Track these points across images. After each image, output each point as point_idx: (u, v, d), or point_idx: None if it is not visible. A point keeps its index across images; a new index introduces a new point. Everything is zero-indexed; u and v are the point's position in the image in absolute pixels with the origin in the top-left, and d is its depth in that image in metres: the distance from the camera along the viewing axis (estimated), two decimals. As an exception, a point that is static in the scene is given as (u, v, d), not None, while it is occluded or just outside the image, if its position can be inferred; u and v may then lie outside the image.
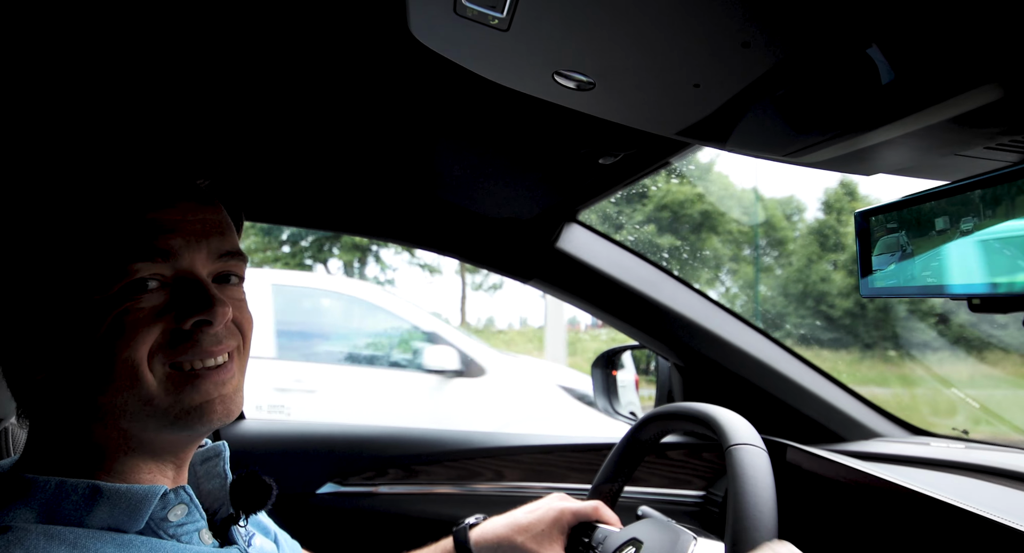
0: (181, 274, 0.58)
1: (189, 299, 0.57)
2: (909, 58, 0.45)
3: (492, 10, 0.48)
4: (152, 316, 0.56)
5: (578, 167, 0.97)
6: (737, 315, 1.36)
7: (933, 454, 1.10)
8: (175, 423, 0.57)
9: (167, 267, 0.57)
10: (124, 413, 0.56)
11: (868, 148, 0.56)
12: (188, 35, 0.67)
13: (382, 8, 0.60)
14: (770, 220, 11.63)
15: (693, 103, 0.56)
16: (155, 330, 0.56)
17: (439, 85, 0.76)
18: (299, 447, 1.41)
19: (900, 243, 0.61)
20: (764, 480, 0.69)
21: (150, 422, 0.57)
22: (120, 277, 0.55)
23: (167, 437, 0.59)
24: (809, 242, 11.70)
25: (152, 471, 0.60)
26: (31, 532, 0.50)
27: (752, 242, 11.58)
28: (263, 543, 0.71)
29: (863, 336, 10.34)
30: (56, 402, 0.57)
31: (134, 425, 0.57)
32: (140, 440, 0.59)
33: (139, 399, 0.56)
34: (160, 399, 0.56)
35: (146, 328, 0.55)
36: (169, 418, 0.57)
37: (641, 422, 0.98)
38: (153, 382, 0.56)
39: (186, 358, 0.57)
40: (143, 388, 0.55)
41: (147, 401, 0.56)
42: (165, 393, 0.56)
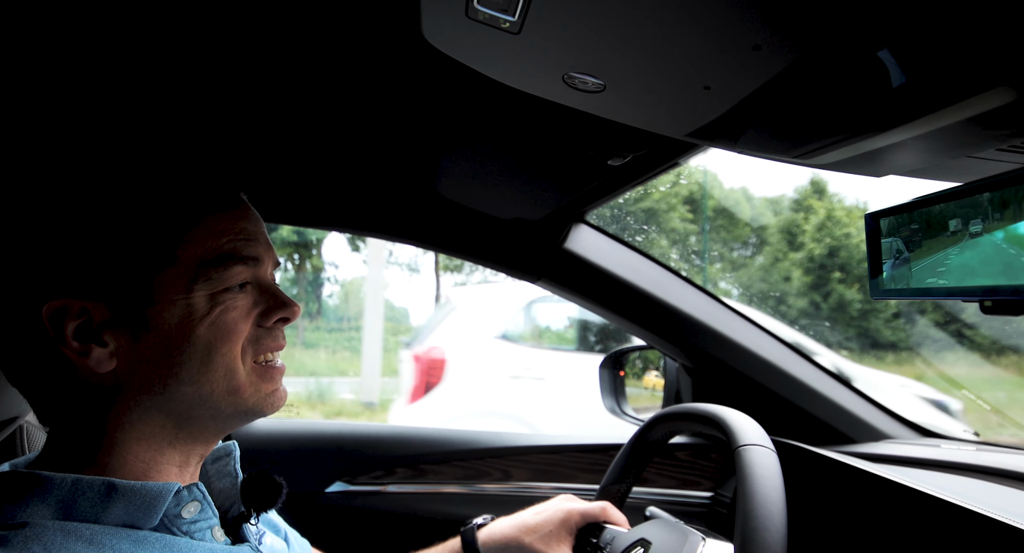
0: (259, 278, 0.65)
1: (272, 300, 0.64)
2: (921, 61, 0.45)
3: (504, 13, 0.49)
4: (244, 314, 0.62)
5: (587, 168, 0.97)
6: (745, 316, 1.36)
7: (944, 456, 1.09)
8: (248, 412, 0.63)
9: (251, 272, 0.63)
10: (206, 402, 0.60)
11: (879, 150, 0.56)
12: (200, 36, 0.68)
13: (395, 12, 0.61)
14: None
15: (703, 105, 0.56)
16: (246, 327, 0.62)
17: (449, 87, 0.76)
18: (308, 446, 1.42)
19: (910, 245, 0.60)
20: (773, 481, 0.69)
21: (225, 410, 0.61)
22: (223, 280, 0.60)
23: (220, 426, 0.63)
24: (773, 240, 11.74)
25: (165, 470, 0.61)
26: (48, 528, 0.51)
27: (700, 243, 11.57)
28: (273, 541, 0.72)
29: (827, 337, 10.44)
30: (113, 397, 0.58)
31: (204, 412, 0.60)
32: (181, 433, 0.61)
33: (228, 389, 0.60)
34: (245, 388, 0.61)
35: (241, 325, 0.61)
36: (246, 406, 0.62)
37: (649, 422, 0.98)
38: (243, 373, 0.61)
39: (268, 352, 0.64)
40: (235, 378, 0.61)
41: (235, 390, 0.61)
42: (249, 384, 0.62)
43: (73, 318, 0.56)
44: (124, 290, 0.57)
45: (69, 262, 0.57)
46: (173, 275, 0.58)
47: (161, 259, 0.58)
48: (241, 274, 0.61)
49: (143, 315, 0.57)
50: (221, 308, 0.60)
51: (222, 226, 0.61)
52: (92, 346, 0.56)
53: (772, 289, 11.46)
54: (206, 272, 0.59)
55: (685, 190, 11.27)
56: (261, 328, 0.63)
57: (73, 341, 0.56)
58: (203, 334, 0.59)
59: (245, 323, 0.62)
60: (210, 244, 0.60)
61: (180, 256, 0.59)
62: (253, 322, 0.63)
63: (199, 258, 0.59)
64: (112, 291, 0.57)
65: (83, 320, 0.56)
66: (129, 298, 0.57)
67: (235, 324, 0.60)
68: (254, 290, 0.64)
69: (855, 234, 12.29)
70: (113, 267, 0.57)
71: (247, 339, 0.62)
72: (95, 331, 0.57)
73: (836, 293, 11.35)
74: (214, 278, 0.59)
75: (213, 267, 0.59)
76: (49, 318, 0.55)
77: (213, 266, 0.59)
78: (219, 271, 0.60)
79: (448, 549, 0.93)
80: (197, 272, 0.59)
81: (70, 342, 0.56)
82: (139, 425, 0.59)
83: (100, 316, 0.57)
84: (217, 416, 0.61)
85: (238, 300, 0.61)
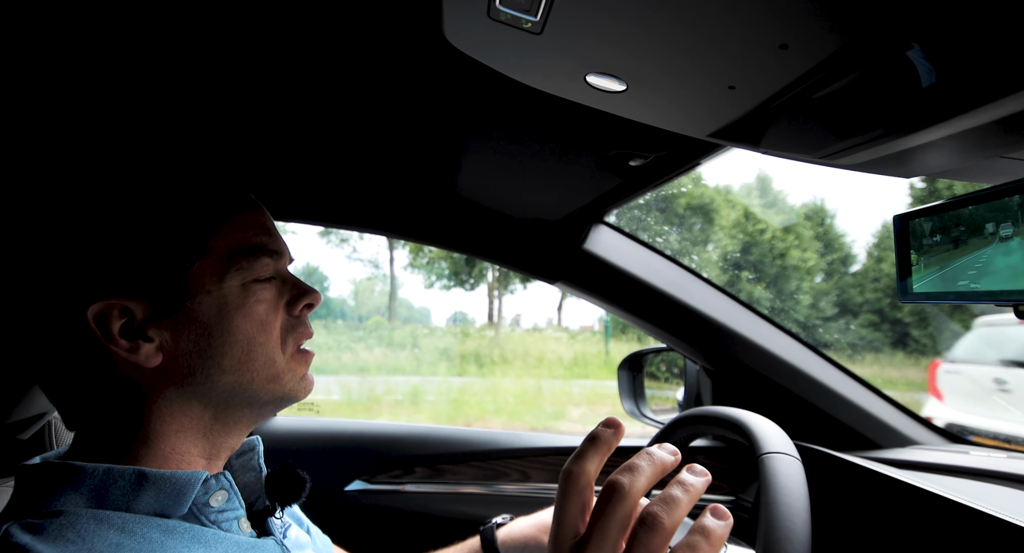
0: (280, 271, 0.68)
1: (296, 289, 0.68)
2: (955, 58, 0.44)
3: (526, 13, 0.49)
4: (274, 305, 0.65)
5: (607, 169, 0.97)
6: (768, 318, 1.34)
7: (973, 463, 1.06)
8: (284, 398, 0.65)
9: (274, 266, 0.66)
10: (246, 390, 0.62)
11: (909, 150, 0.55)
12: (226, 39, 0.69)
13: (416, 13, 0.61)
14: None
15: (727, 105, 0.56)
16: (278, 317, 0.65)
17: (469, 87, 0.76)
18: (328, 445, 1.43)
19: (941, 247, 0.59)
20: (797, 491, 0.68)
21: (263, 397, 0.63)
22: (253, 270, 0.63)
23: (256, 413, 0.65)
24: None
25: (195, 462, 0.62)
26: (82, 517, 0.53)
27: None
28: (298, 534, 0.72)
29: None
30: (157, 390, 0.60)
31: (242, 400, 0.63)
32: (216, 423, 0.63)
33: (268, 376, 0.63)
34: (284, 375, 0.64)
35: (272, 315, 0.64)
36: (283, 392, 0.65)
37: (672, 423, 0.97)
38: (282, 361, 0.64)
39: (302, 340, 0.67)
40: (274, 367, 0.63)
41: (274, 378, 0.64)
42: (288, 370, 0.65)
43: (117, 318, 0.57)
44: (162, 285, 0.59)
45: (108, 263, 0.58)
46: (207, 265, 0.60)
47: (195, 251, 0.60)
48: (268, 266, 0.64)
49: (182, 309, 0.59)
50: (254, 299, 0.62)
51: (248, 221, 0.65)
52: (140, 343, 0.58)
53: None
54: (237, 261, 0.62)
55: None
56: (292, 318, 0.67)
57: (121, 340, 0.57)
58: (240, 325, 0.61)
59: (275, 313, 0.65)
60: (239, 236, 0.63)
61: (212, 247, 0.61)
62: (283, 312, 0.66)
63: (230, 249, 0.62)
64: (151, 287, 0.59)
65: (127, 319, 0.58)
66: (168, 292, 0.59)
67: (267, 314, 0.63)
68: (278, 282, 0.67)
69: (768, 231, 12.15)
70: (150, 263, 0.59)
71: (283, 328, 0.65)
72: (139, 328, 0.58)
73: (744, 293, 11.24)
74: (245, 268, 0.62)
75: (244, 257, 0.62)
76: (95, 321, 0.57)
77: (244, 256, 0.62)
78: (250, 261, 0.62)
79: (467, 548, 0.94)
80: (230, 262, 0.61)
81: (118, 341, 0.57)
82: (179, 416, 0.60)
83: (142, 313, 0.58)
84: (254, 403, 0.64)
85: (267, 291, 0.64)
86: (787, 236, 13.19)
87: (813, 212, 14.52)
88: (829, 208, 14.76)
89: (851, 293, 13.09)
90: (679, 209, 12.81)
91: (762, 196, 15.01)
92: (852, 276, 13.92)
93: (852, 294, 13.12)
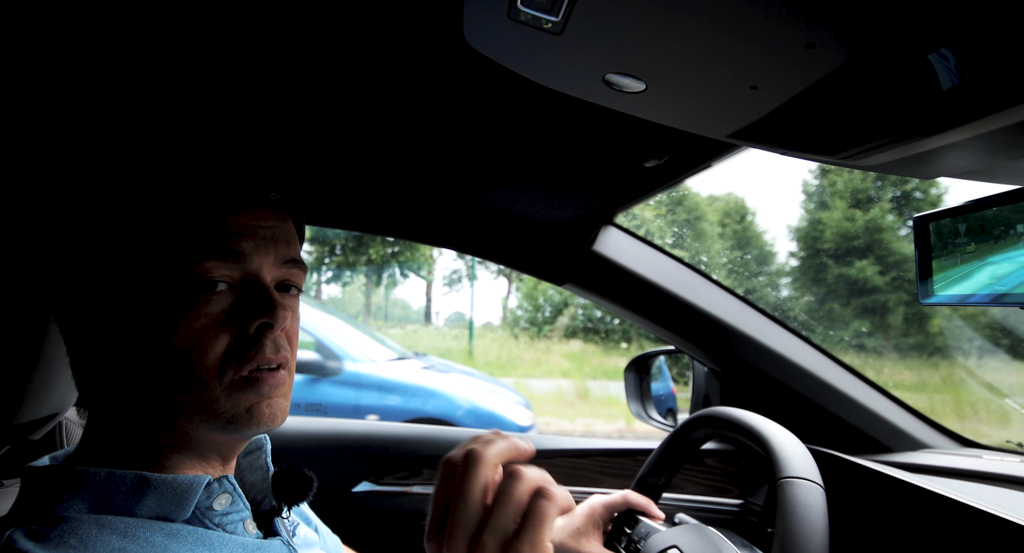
0: (248, 277, 0.60)
1: (254, 302, 0.59)
2: (982, 59, 0.43)
3: (547, 14, 0.48)
4: (220, 322, 0.57)
5: (621, 169, 0.96)
6: (777, 320, 1.33)
7: (986, 467, 1.06)
8: (227, 426, 0.58)
9: (236, 269, 0.59)
10: (188, 413, 0.58)
11: (931, 151, 0.54)
12: (241, 39, 0.68)
13: (435, 14, 0.60)
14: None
15: (748, 105, 0.55)
16: (225, 337, 0.57)
17: (484, 90, 0.76)
18: (335, 446, 1.43)
19: (964, 249, 0.58)
20: (817, 523, 0.65)
21: (204, 424, 0.58)
22: (193, 275, 0.56)
23: (217, 437, 0.61)
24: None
25: (198, 467, 0.61)
26: (84, 522, 0.52)
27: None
28: (306, 533, 0.72)
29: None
30: (123, 396, 0.59)
31: (190, 425, 0.59)
32: (193, 438, 0.60)
33: (201, 402, 0.57)
34: (222, 402, 0.57)
35: (217, 335, 0.57)
36: (223, 421, 0.58)
37: (693, 419, 0.97)
38: (218, 387, 0.57)
39: (251, 365, 0.58)
40: (210, 392, 0.57)
41: (208, 405, 0.57)
42: (227, 397, 0.57)
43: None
44: (108, 298, 0.58)
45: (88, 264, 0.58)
46: (148, 276, 0.57)
47: (156, 263, 0.57)
48: (214, 270, 0.57)
49: (128, 323, 0.57)
50: (190, 312, 0.56)
51: (229, 221, 0.59)
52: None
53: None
54: (179, 269, 0.56)
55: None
56: (246, 336, 0.58)
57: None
58: (176, 342, 0.56)
59: (222, 332, 0.57)
60: (184, 239, 0.57)
61: (168, 259, 0.57)
62: (234, 329, 0.58)
63: (177, 256, 0.57)
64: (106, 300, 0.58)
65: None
66: (112, 306, 0.58)
67: (205, 330, 0.56)
68: (237, 291, 0.59)
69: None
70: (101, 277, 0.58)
71: (228, 350, 0.57)
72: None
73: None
74: (185, 276, 0.56)
75: (183, 260, 0.56)
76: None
77: (184, 260, 0.56)
78: (191, 267, 0.56)
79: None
80: (166, 269, 0.56)
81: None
82: (171, 424, 0.59)
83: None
84: (201, 430, 0.59)
85: (211, 304, 0.57)
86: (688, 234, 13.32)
87: (732, 210, 14.59)
88: (750, 206, 14.84)
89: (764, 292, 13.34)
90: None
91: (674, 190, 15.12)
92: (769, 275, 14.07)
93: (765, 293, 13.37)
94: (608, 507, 0.91)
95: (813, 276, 13.66)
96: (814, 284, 13.60)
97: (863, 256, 12.94)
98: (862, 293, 12.68)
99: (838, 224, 13.22)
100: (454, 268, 16.45)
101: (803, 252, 14.09)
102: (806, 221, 14.04)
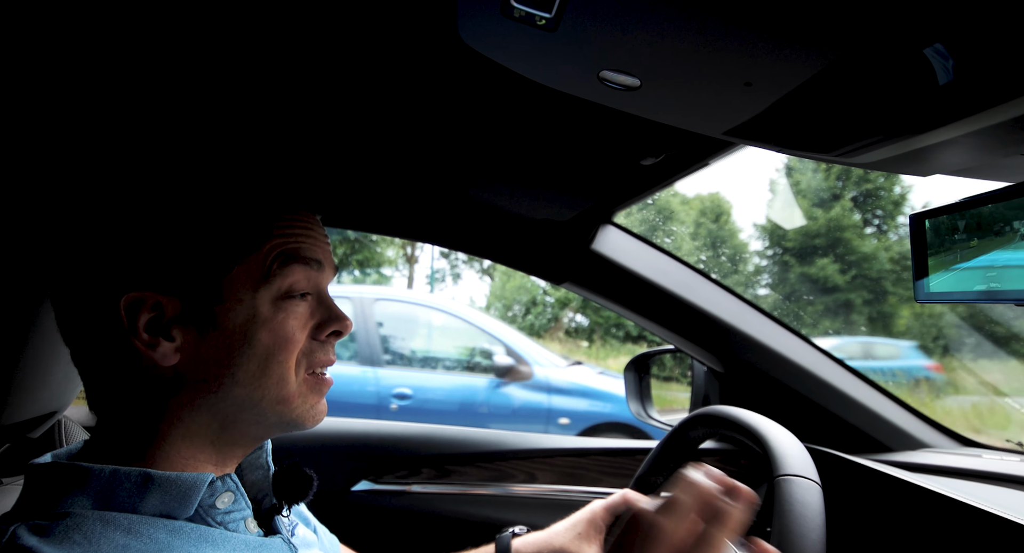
0: (319, 288, 0.66)
1: (327, 312, 0.65)
2: (977, 55, 0.43)
3: (540, 10, 0.48)
4: (302, 324, 0.63)
5: (618, 167, 0.96)
6: (777, 320, 1.33)
7: (986, 467, 1.05)
8: (291, 422, 0.63)
9: (312, 280, 0.64)
10: (255, 406, 0.61)
11: (926, 148, 0.54)
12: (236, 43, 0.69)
13: (430, 12, 0.61)
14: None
15: (743, 102, 0.55)
16: (303, 337, 0.63)
17: (480, 87, 0.76)
18: (335, 445, 1.43)
19: (960, 246, 0.58)
20: (814, 520, 0.65)
21: (270, 417, 0.62)
22: (285, 278, 0.61)
23: (262, 432, 0.64)
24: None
25: (202, 467, 0.62)
26: (88, 518, 0.53)
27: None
28: (305, 533, 0.72)
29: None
30: (170, 391, 0.59)
31: (249, 417, 0.61)
32: (224, 433, 0.62)
33: (278, 397, 0.61)
34: (294, 398, 0.62)
35: (299, 334, 0.62)
36: (291, 417, 0.63)
37: (691, 418, 0.97)
38: (295, 384, 0.62)
39: (319, 362, 0.64)
40: (286, 387, 0.61)
41: (284, 399, 0.62)
42: (299, 395, 0.63)
43: (147, 311, 0.58)
44: (197, 286, 0.59)
45: (151, 256, 0.58)
46: (242, 274, 0.59)
47: (233, 257, 0.59)
48: (301, 281, 0.62)
49: (211, 313, 0.59)
50: (283, 315, 0.61)
51: (291, 229, 0.63)
52: (160, 340, 0.58)
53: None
54: (271, 270, 0.60)
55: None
56: (315, 341, 0.64)
57: (144, 333, 0.57)
58: (263, 339, 0.60)
59: (302, 333, 0.63)
60: (277, 243, 0.61)
61: (251, 256, 0.60)
62: (308, 334, 0.64)
63: (267, 256, 0.61)
64: (186, 287, 0.58)
65: (156, 314, 0.58)
66: (201, 294, 0.59)
67: (293, 333, 0.61)
68: (313, 301, 0.65)
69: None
70: (190, 263, 0.59)
71: (302, 351, 0.63)
72: (165, 325, 0.58)
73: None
74: (277, 278, 0.60)
75: (278, 263, 0.61)
76: (125, 309, 0.57)
77: (279, 262, 0.61)
78: (282, 271, 0.61)
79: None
80: (266, 271, 0.60)
81: (141, 334, 0.57)
82: (187, 421, 0.60)
83: (172, 311, 0.58)
84: (261, 422, 0.62)
85: (299, 308, 0.62)
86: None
87: (708, 208, 14.58)
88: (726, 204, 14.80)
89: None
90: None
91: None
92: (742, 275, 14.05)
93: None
94: (609, 510, 0.91)
95: (779, 275, 13.68)
96: (780, 283, 13.62)
97: (824, 254, 12.91)
98: (824, 292, 12.65)
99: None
100: (438, 267, 16.52)
101: (768, 251, 14.10)
102: (771, 220, 14.03)
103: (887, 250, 13.10)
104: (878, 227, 14.33)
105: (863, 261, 12.63)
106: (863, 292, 12.36)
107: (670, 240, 13.15)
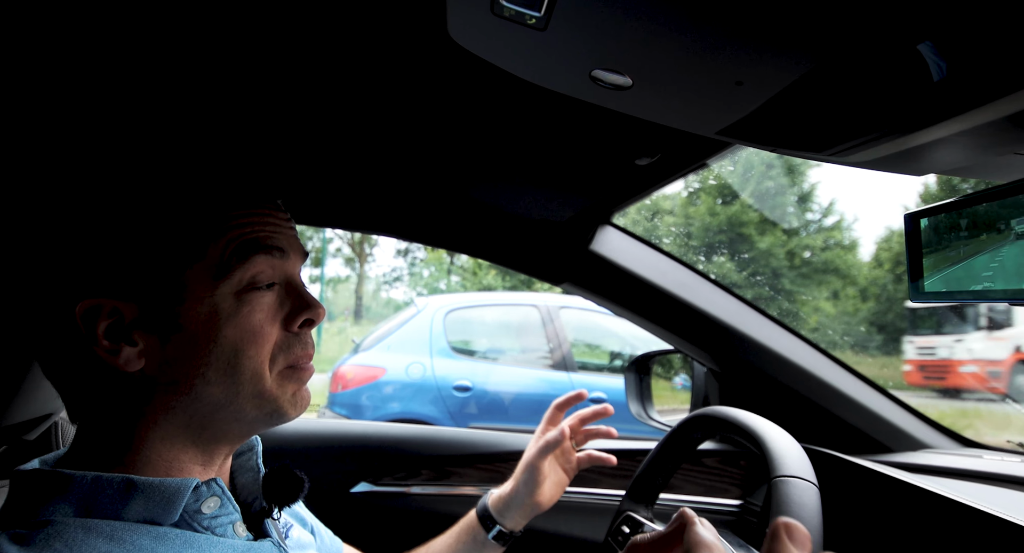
0: (286, 277, 0.64)
1: (297, 300, 0.63)
2: (967, 52, 0.43)
3: (530, 9, 0.48)
4: (271, 317, 0.61)
5: (614, 168, 0.96)
6: (777, 320, 1.32)
7: (986, 467, 1.05)
8: (272, 414, 0.62)
9: (277, 269, 0.62)
10: (231, 403, 0.59)
11: (919, 147, 0.54)
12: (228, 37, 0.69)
13: (421, 11, 0.60)
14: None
15: (735, 101, 0.55)
16: (273, 330, 0.61)
17: (475, 87, 0.76)
18: (333, 446, 1.43)
19: (955, 246, 0.58)
20: (811, 522, 0.64)
21: (249, 413, 0.61)
22: (247, 271, 0.59)
23: (244, 429, 0.63)
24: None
25: (188, 468, 0.61)
26: (70, 526, 0.52)
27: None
28: (300, 534, 0.72)
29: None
30: (141, 395, 0.58)
31: (227, 414, 0.60)
32: (205, 432, 0.61)
33: (253, 393, 0.60)
34: (271, 392, 0.61)
35: (268, 327, 0.61)
36: (270, 408, 0.61)
37: (689, 419, 0.97)
38: (270, 379, 0.61)
39: (297, 358, 0.63)
40: (261, 383, 0.60)
41: (261, 395, 0.60)
42: (276, 387, 0.61)
43: (105, 317, 0.56)
44: (153, 289, 0.57)
45: (100, 262, 0.57)
46: (200, 271, 0.58)
47: (188, 256, 0.58)
48: (265, 271, 0.61)
49: (172, 314, 0.57)
50: (247, 308, 0.59)
51: (248, 220, 0.61)
52: (122, 345, 0.57)
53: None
54: (230, 263, 0.58)
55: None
56: (289, 333, 0.63)
57: (104, 340, 0.56)
58: (229, 335, 0.58)
59: (271, 325, 0.61)
60: (233, 236, 0.59)
61: (207, 252, 0.58)
62: (280, 326, 0.62)
63: (224, 251, 0.59)
64: (142, 290, 0.57)
65: (114, 319, 0.57)
66: (158, 297, 0.57)
67: (261, 326, 0.60)
68: (281, 290, 0.63)
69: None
70: (143, 266, 0.57)
71: (276, 345, 0.61)
72: (126, 330, 0.57)
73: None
74: (238, 271, 0.59)
75: (237, 257, 0.59)
76: (82, 317, 0.56)
77: (237, 256, 0.59)
78: (243, 264, 0.59)
79: (465, 522, 1.01)
80: (223, 265, 0.58)
81: (101, 341, 0.56)
82: (164, 424, 0.59)
83: (131, 315, 0.57)
84: (241, 419, 0.61)
85: (264, 299, 0.61)
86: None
87: (647, 206, 14.41)
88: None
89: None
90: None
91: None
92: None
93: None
94: (549, 443, 0.97)
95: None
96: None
97: (722, 252, 12.81)
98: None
99: (702, 219, 13.03)
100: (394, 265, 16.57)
101: (676, 248, 13.99)
102: (682, 217, 13.80)
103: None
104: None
105: (760, 258, 12.42)
106: (760, 290, 12.21)
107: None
